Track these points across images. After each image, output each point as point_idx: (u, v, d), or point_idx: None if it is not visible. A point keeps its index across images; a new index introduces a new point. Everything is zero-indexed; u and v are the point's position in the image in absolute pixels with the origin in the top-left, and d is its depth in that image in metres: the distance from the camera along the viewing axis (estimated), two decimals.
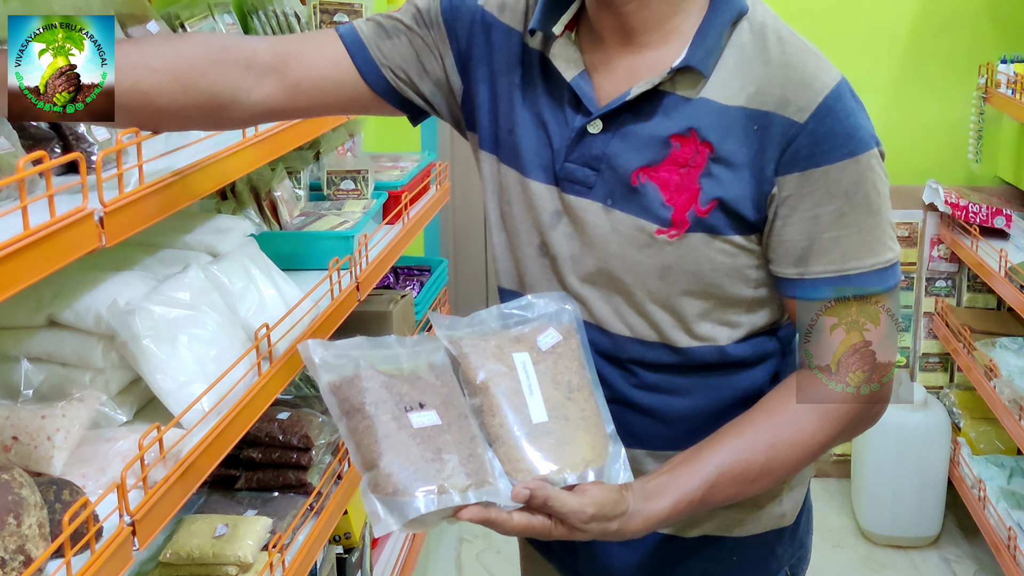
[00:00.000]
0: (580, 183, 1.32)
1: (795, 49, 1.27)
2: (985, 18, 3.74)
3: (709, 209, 1.26)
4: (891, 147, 3.95)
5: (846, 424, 1.32)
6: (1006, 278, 3.09)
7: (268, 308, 1.92)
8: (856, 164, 1.25)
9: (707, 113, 1.25)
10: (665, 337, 1.34)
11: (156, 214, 1.40)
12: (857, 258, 1.27)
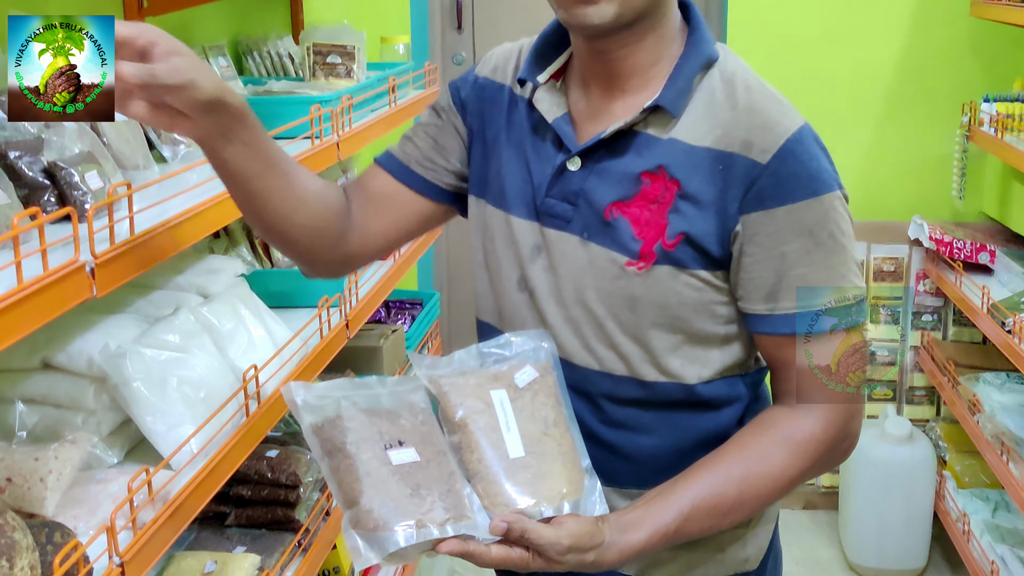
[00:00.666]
0: (559, 217, 1.39)
1: (761, 96, 1.35)
2: (968, 57, 3.81)
3: (675, 243, 1.33)
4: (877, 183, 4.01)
5: (816, 458, 1.36)
6: (988, 315, 3.14)
7: (257, 348, 1.97)
8: (819, 204, 1.31)
9: (676, 152, 1.33)
10: (633, 370, 1.39)
11: (146, 263, 1.45)
12: (815, 300, 1.33)
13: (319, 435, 1.27)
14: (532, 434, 1.32)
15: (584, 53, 1.40)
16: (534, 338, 1.40)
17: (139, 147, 1.85)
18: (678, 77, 1.35)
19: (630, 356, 1.38)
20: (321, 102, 2.22)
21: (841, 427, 1.37)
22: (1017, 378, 3.23)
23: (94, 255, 1.31)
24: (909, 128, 3.82)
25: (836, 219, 1.32)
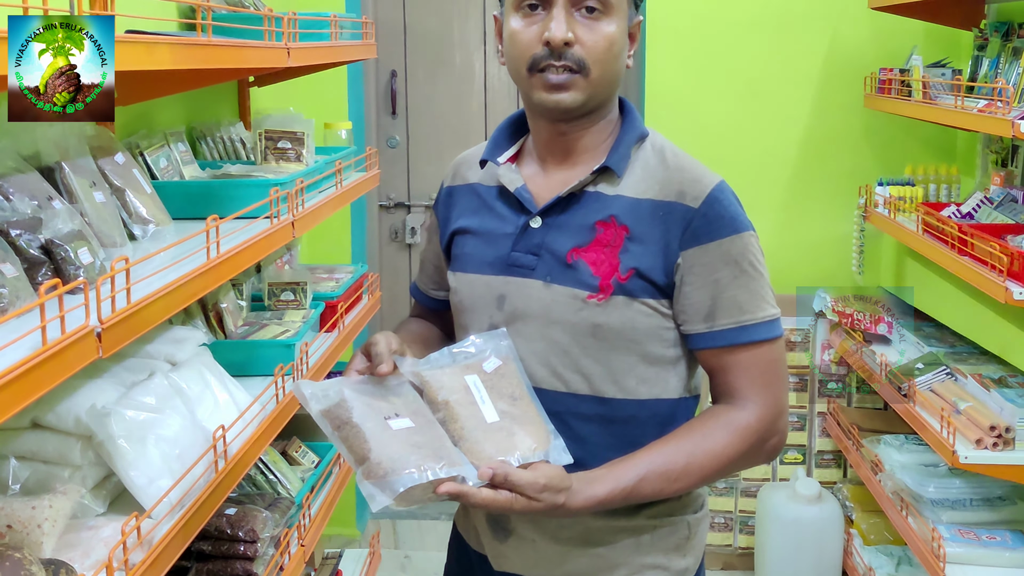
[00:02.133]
0: (524, 267, 1.68)
1: (685, 159, 1.71)
2: (863, 144, 4.15)
3: (628, 276, 1.63)
4: (784, 259, 4.31)
5: (751, 443, 1.64)
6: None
7: (222, 411, 2.13)
8: (740, 239, 1.64)
9: (623, 205, 1.65)
10: (595, 389, 1.66)
11: (141, 328, 1.62)
12: (751, 312, 1.64)
13: (328, 416, 1.52)
14: (503, 404, 1.59)
15: (544, 135, 1.72)
16: (494, 337, 1.66)
17: (116, 226, 2.02)
18: (619, 147, 1.68)
19: (592, 376, 1.65)
20: (278, 184, 2.41)
21: (771, 420, 1.65)
22: (915, 439, 3.48)
23: (101, 321, 1.48)
24: (811, 209, 4.13)
25: (754, 252, 1.66)
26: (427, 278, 1.96)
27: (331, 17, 2.82)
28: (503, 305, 1.69)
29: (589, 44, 1.60)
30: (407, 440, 1.48)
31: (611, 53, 1.62)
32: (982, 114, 2.90)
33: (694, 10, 4.10)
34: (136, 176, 2.20)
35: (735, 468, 1.67)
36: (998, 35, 3.41)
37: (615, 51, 1.63)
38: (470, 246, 1.76)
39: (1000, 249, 2.71)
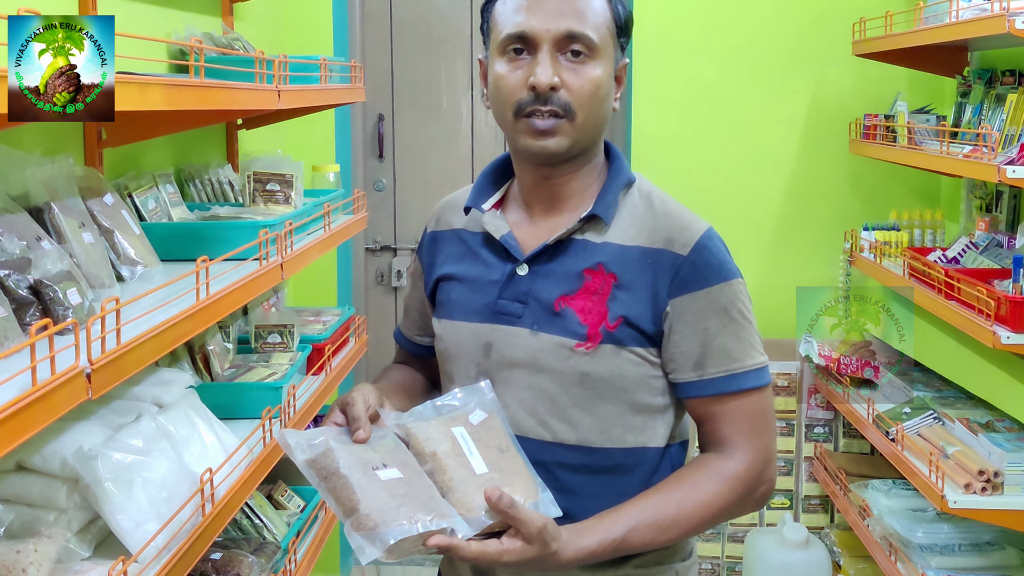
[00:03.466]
0: (511, 314, 1.65)
1: (673, 206, 1.68)
2: (848, 190, 4.18)
3: (616, 325, 1.60)
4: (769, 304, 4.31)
5: (740, 492, 1.61)
6: (874, 425, 3.40)
7: (209, 454, 2.11)
8: (729, 287, 1.62)
9: (611, 253, 1.62)
10: (582, 438, 1.63)
11: (131, 369, 1.60)
12: (740, 360, 1.62)
13: (313, 467, 1.49)
14: (490, 456, 1.55)
15: (530, 181, 1.70)
16: (477, 391, 1.63)
17: (104, 267, 2.01)
18: (607, 194, 1.66)
19: (580, 425, 1.63)
20: (267, 226, 2.40)
21: (760, 469, 1.62)
22: (902, 484, 3.47)
23: (91, 362, 1.47)
24: (797, 253, 4.15)
25: (743, 299, 1.64)
26: (411, 324, 1.92)
27: (321, 60, 2.83)
28: (490, 353, 1.67)
29: (575, 88, 1.57)
30: (395, 491, 1.45)
31: (597, 97, 1.60)
32: (968, 159, 2.92)
33: (680, 55, 4.14)
34: (125, 217, 2.19)
35: (725, 517, 1.64)
36: (981, 82, 3.45)
37: (601, 95, 1.61)
38: (456, 293, 1.73)
39: (988, 293, 2.72)
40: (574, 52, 1.58)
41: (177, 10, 2.91)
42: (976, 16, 2.84)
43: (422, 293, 1.85)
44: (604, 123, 1.66)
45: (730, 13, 4.15)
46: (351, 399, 1.56)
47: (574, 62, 1.58)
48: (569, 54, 1.58)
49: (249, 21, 3.53)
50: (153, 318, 1.78)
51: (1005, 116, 3.10)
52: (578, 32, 1.57)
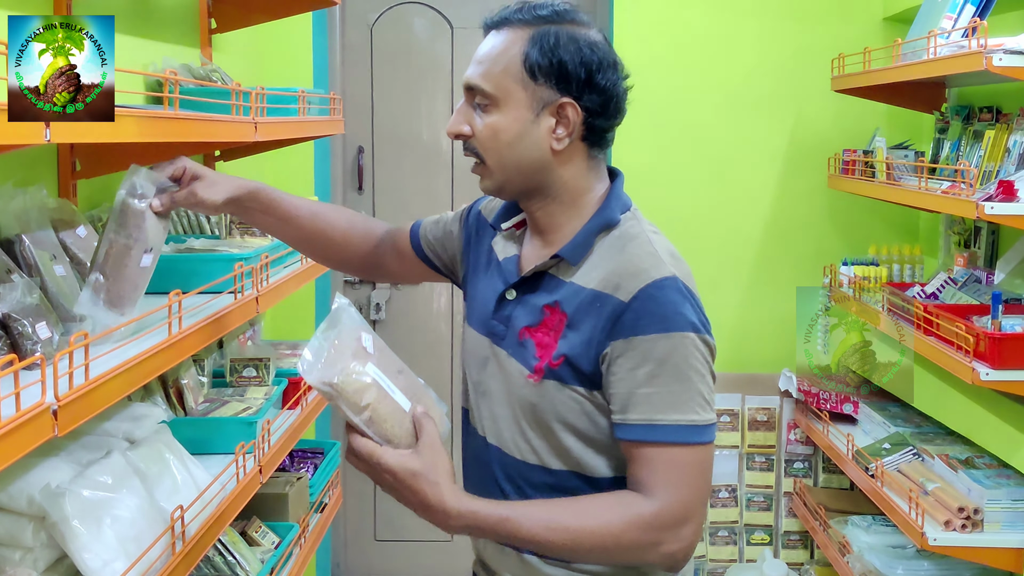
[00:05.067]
0: (498, 335, 1.75)
1: (639, 251, 1.67)
2: (827, 224, 4.18)
3: (559, 363, 1.66)
4: (749, 338, 4.29)
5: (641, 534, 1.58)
6: (853, 461, 3.39)
7: (181, 491, 2.07)
8: (669, 339, 1.59)
9: (570, 292, 1.68)
10: (542, 460, 1.70)
11: (100, 405, 1.57)
12: (663, 412, 1.59)
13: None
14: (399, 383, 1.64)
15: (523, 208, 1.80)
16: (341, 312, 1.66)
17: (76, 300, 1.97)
18: (580, 236, 1.71)
19: (539, 449, 1.70)
20: (242, 259, 2.38)
21: (672, 521, 1.58)
22: (882, 520, 3.46)
23: (57, 398, 1.44)
24: (777, 288, 4.14)
25: (685, 355, 1.60)
26: (431, 229, 2.04)
27: (299, 92, 2.82)
28: (486, 367, 1.77)
29: (478, 135, 1.70)
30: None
31: (499, 142, 1.68)
32: (946, 196, 2.93)
33: (659, 89, 4.15)
34: None
35: (621, 554, 1.61)
36: (959, 118, 3.46)
37: (504, 139, 1.68)
38: (472, 298, 1.87)
39: (966, 329, 2.72)
40: (479, 101, 1.70)
41: (156, 41, 2.90)
42: (954, 53, 2.85)
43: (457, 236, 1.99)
44: (527, 164, 1.70)
45: (709, 48, 4.16)
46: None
47: (480, 111, 1.70)
48: (477, 102, 1.70)
49: (229, 53, 3.52)
50: (123, 353, 1.75)
51: (983, 152, 3.12)
52: (474, 84, 1.69)
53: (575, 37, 1.67)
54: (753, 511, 4.14)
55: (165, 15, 3.01)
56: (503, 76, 1.67)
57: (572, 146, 1.70)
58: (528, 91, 1.67)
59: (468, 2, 4.38)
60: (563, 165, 1.71)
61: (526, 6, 1.71)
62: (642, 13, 4.14)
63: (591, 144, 1.73)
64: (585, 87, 1.67)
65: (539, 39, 1.66)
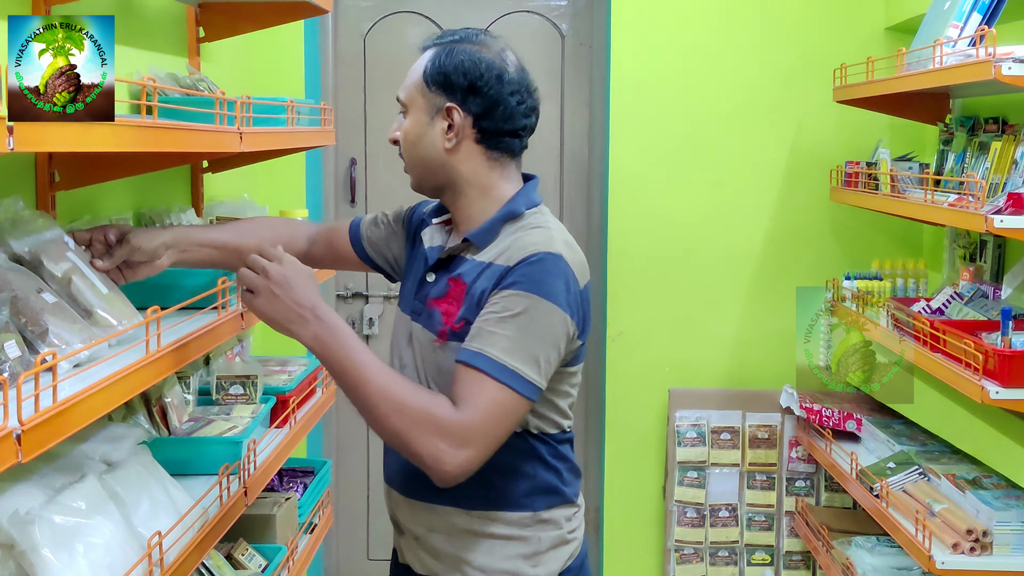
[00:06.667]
0: (416, 312, 2.00)
1: (537, 236, 1.91)
2: (829, 238, 4.11)
3: (460, 326, 1.90)
4: (749, 355, 4.21)
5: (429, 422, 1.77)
6: (857, 480, 3.31)
7: (160, 516, 1.99)
8: (530, 299, 1.82)
9: (472, 267, 1.93)
10: None
11: (69, 429, 1.49)
12: (496, 349, 1.80)
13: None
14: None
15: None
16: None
17: None
18: (488, 223, 1.96)
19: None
20: (227, 275, 2.30)
21: (457, 433, 1.77)
22: (887, 541, 3.38)
23: (21, 422, 1.36)
24: (778, 303, 4.06)
25: (539, 320, 1.83)
26: (371, 226, 2.27)
27: (288, 102, 2.74)
28: (410, 341, 2.00)
29: (400, 139, 2.01)
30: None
31: (407, 143, 2.00)
32: (953, 209, 2.85)
33: (659, 100, 4.08)
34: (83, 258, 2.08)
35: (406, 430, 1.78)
36: (964, 130, 3.39)
37: (410, 139, 1.99)
38: (403, 283, 2.13)
39: (975, 346, 2.64)
40: (400, 111, 2.02)
41: (142, 50, 2.83)
42: (961, 62, 2.77)
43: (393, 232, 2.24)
44: (428, 163, 1.99)
45: (709, 59, 4.09)
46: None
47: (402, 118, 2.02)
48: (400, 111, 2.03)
49: (218, 63, 3.45)
50: (97, 372, 1.67)
51: (989, 164, 3.04)
52: (397, 95, 2.02)
53: (465, 52, 1.94)
54: (754, 531, 4.05)
55: (152, 23, 2.94)
56: (411, 87, 1.99)
57: (467, 147, 1.97)
58: (426, 98, 1.96)
59: (462, 11, 4.31)
60: (461, 163, 1.98)
61: (446, 32, 2.02)
62: (641, 24, 4.07)
63: (488, 146, 1.97)
64: (468, 93, 1.93)
65: (437, 55, 1.96)
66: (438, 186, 2.01)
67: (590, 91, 4.26)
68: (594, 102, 4.24)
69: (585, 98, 4.30)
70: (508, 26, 4.29)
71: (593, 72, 4.28)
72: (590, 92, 4.26)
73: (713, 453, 4.04)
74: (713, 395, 4.05)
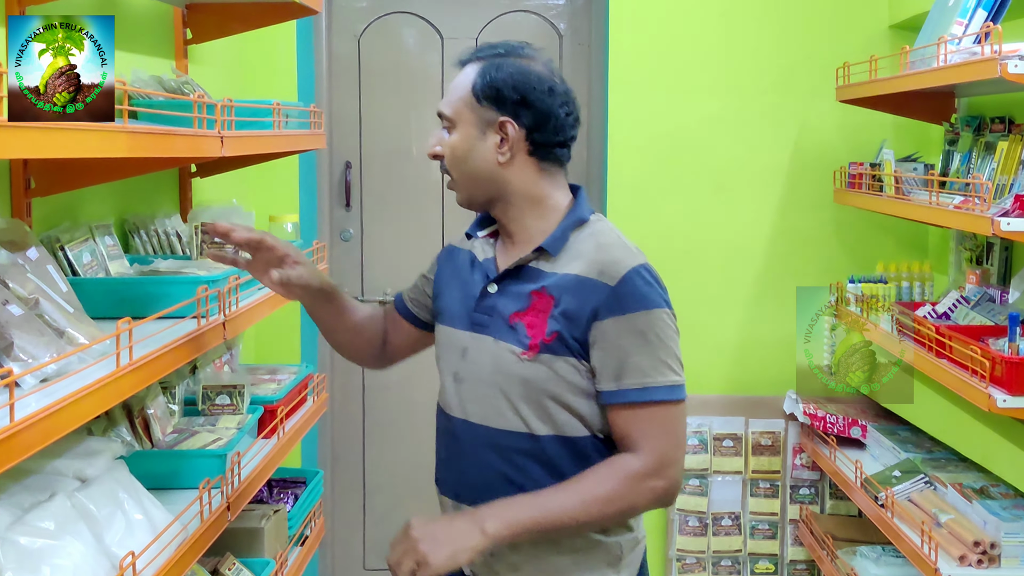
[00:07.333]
0: (481, 325, 2.01)
1: (614, 243, 1.99)
2: (833, 241, 4.03)
3: (552, 338, 1.93)
4: (751, 360, 4.12)
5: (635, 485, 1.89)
6: (862, 489, 3.23)
7: (135, 534, 1.92)
8: (648, 315, 1.91)
9: (553, 279, 1.96)
10: (529, 427, 1.95)
11: (27, 450, 1.42)
12: (651, 376, 1.90)
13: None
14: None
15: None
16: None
17: None
18: (558, 232, 2.00)
19: (527, 418, 1.95)
20: (208, 283, 2.23)
21: (658, 466, 1.89)
22: (893, 551, 3.30)
23: None
24: (781, 306, 3.97)
25: (661, 327, 1.92)
26: (411, 290, 2.29)
27: (273, 105, 2.67)
28: (465, 356, 2.02)
29: (446, 154, 2.02)
30: None
31: (456, 158, 2.01)
32: (959, 211, 2.77)
33: (658, 100, 4.00)
34: (51, 273, 2.02)
35: (627, 506, 1.91)
36: (969, 129, 3.31)
37: (458, 155, 2.00)
38: (447, 301, 2.10)
39: (982, 353, 2.56)
40: (444, 125, 2.03)
41: (125, 52, 2.76)
42: (966, 60, 2.70)
43: (429, 281, 2.23)
44: (482, 176, 2.00)
45: (709, 58, 4.01)
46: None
47: (446, 133, 2.02)
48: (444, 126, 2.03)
49: (208, 65, 3.38)
50: (64, 388, 1.60)
51: (995, 164, 2.96)
52: (440, 110, 2.04)
53: (514, 65, 1.98)
54: (757, 539, 3.98)
55: (136, 25, 2.88)
56: (458, 102, 2.00)
57: (520, 159, 2.00)
58: (475, 113, 1.98)
59: (459, 13, 4.23)
60: (514, 176, 2.00)
61: (486, 46, 2.04)
62: (639, 23, 4.00)
63: (540, 158, 2.00)
64: (520, 107, 1.96)
65: (485, 69, 1.98)
66: (489, 199, 2.03)
67: (588, 91, 4.18)
68: (592, 102, 4.16)
69: (583, 98, 4.22)
70: (505, 26, 4.21)
71: (591, 72, 4.20)
72: (588, 92, 4.18)
73: (715, 460, 3.96)
74: (715, 401, 3.97)
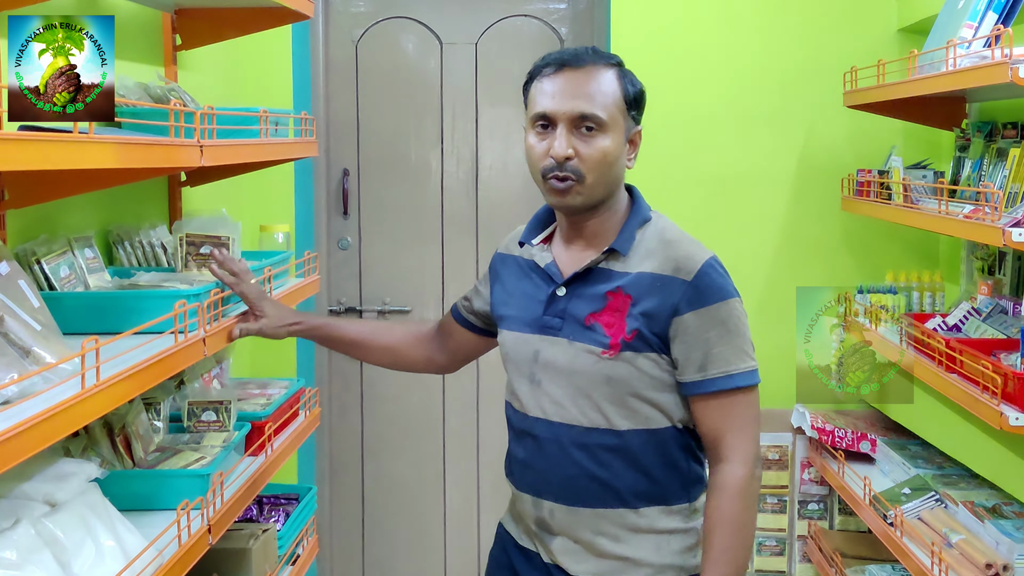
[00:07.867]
0: (552, 328, 2.07)
1: (682, 239, 2.08)
2: (841, 250, 3.93)
3: (632, 336, 1.99)
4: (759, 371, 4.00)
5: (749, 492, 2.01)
6: (870, 506, 3.13)
7: (106, 562, 1.85)
8: (726, 305, 2.00)
9: (628, 278, 2.02)
10: (611, 423, 2.02)
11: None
12: (735, 364, 2.00)
13: None
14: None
15: (564, 223, 2.12)
16: None
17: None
18: (625, 231, 2.06)
19: (609, 414, 2.02)
20: (187, 297, 2.15)
21: (751, 459, 2.01)
22: (903, 571, 3.20)
23: None
24: (787, 317, 3.86)
25: (738, 315, 2.02)
26: (465, 299, 2.36)
27: (260, 113, 2.59)
28: (538, 358, 2.07)
29: (585, 156, 1.99)
30: None
31: (605, 163, 2.00)
32: (969, 220, 2.68)
33: (659, 106, 3.89)
34: (22, 288, 1.94)
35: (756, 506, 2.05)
36: (981, 135, 3.22)
37: (609, 160, 2.01)
38: (512, 308, 2.15)
39: (993, 368, 2.46)
40: (588, 127, 1.99)
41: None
42: (976, 64, 2.60)
43: (486, 290, 2.29)
44: (615, 181, 2.06)
45: (714, 63, 3.93)
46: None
47: (587, 135, 1.99)
48: (584, 129, 1.99)
49: (199, 71, 3.31)
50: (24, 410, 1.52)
51: (1008, 172, 2.87)
52: (588, 112, 1.99)
53: (634, 76, 2.08)
54: (765, 556, 3.88)
55: (124, 30, 2.80)
56: (612, 106, 2.01)
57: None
58: (625, 119, 2.04)
59: (458, 18, 4.15)
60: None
61: (591, 50, 2.05)
62: (642, 27, 3.91)
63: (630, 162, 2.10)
64: (640, 115, 2.09)
65: (624, 77, 2.05)
66: (604, 202, 2.07)
67: None
68: None
69: None
70: (506, 31, 4.13)
71: None
72: None
73: None
74: None
